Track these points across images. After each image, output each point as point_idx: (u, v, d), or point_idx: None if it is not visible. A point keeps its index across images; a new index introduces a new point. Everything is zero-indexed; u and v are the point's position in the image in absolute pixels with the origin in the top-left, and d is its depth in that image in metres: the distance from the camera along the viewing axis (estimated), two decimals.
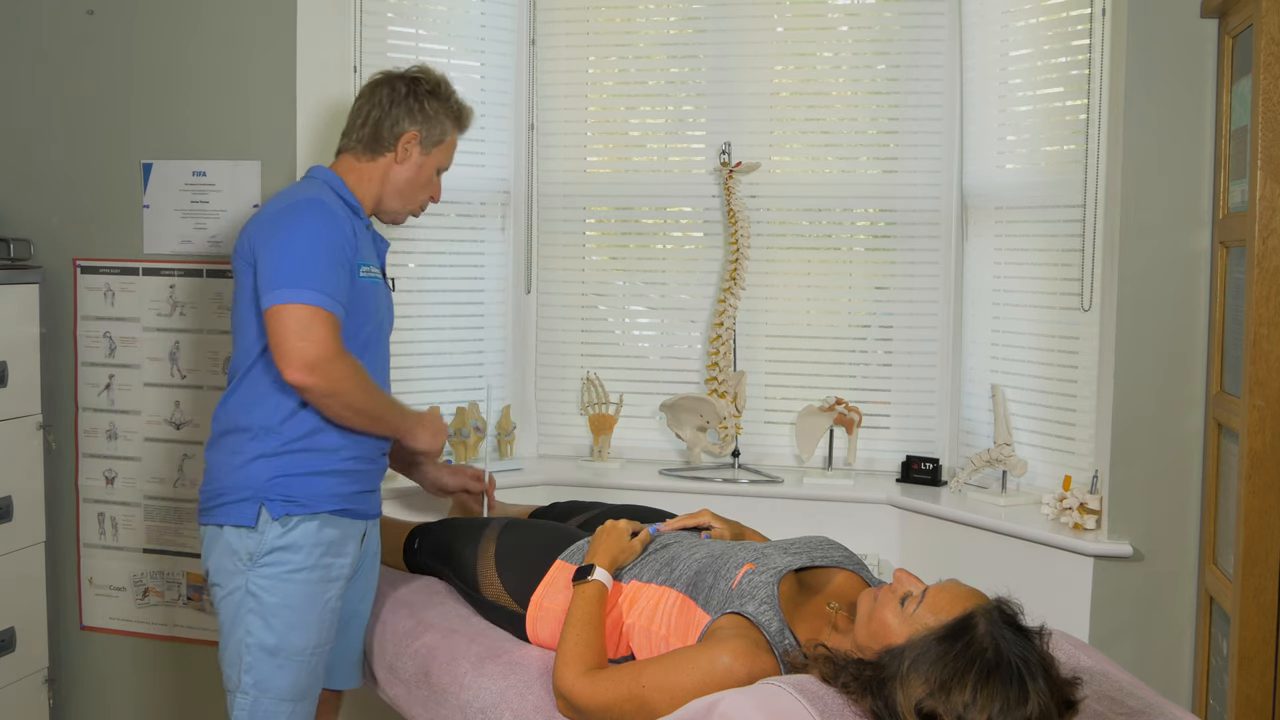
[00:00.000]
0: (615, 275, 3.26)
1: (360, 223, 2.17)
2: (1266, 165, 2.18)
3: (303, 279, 1.96)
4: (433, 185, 2.29)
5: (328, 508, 2.08)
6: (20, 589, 2.74)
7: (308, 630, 2.07)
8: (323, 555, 2.07)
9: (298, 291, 1.95)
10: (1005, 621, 1.51)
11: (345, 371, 1.99)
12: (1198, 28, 2.46)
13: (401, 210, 2.27)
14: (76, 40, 2.82)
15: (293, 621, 2.05)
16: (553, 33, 3.20)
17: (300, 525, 2.05)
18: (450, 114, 2.25)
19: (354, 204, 2.17)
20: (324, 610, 2.09)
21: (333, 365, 1.96)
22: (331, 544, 2.09)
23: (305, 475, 2.06)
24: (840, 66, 3.12)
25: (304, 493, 2.06)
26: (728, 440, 3.08)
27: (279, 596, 2.04)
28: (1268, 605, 2.19)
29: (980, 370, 3.00)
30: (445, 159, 2.29)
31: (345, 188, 2.18)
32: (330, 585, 2.09)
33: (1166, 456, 2.52)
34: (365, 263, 2.12)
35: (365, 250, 2.14)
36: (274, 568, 2.04)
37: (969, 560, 2.72)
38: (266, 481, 2.05)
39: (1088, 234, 2.67)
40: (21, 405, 2.70)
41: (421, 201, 2.29)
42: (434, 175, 2.28)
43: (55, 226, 2.85)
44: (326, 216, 2.05)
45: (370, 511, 2.20)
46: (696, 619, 1.84)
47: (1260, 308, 2.19)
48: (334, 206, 2.10)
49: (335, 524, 2.10)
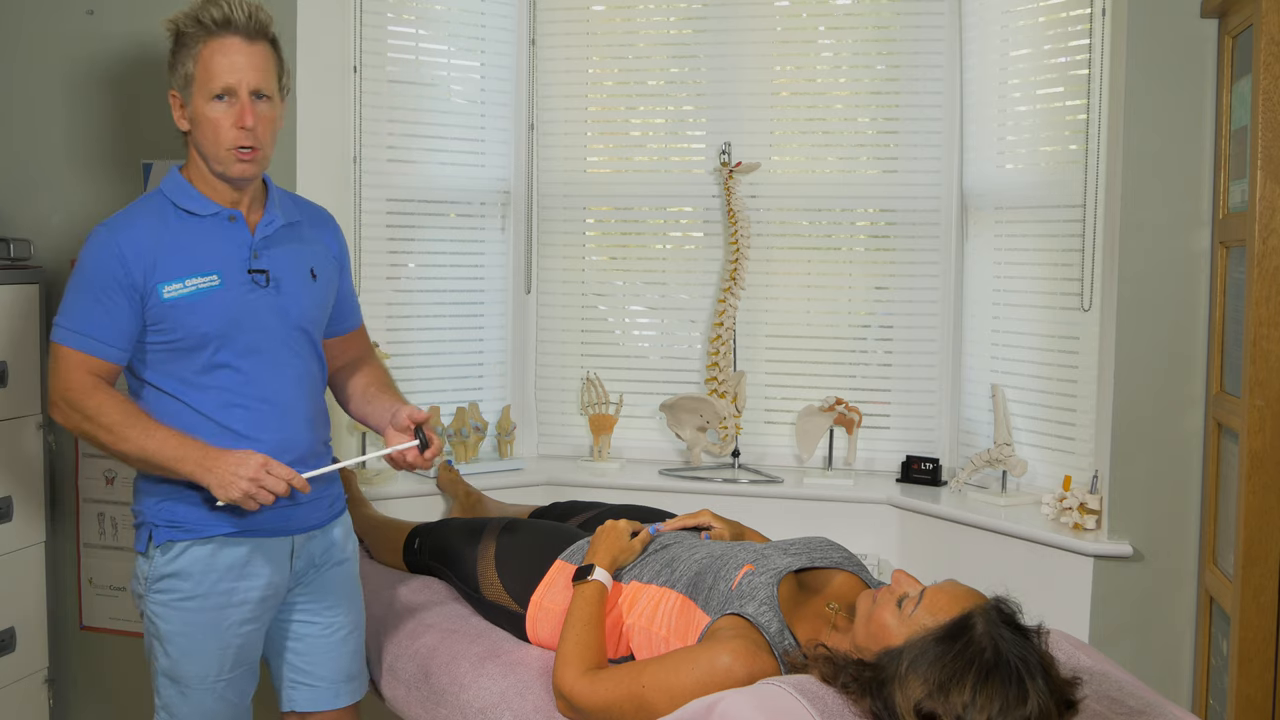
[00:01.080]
0: (615, 275, 3.26)
1: (193, 220, 1.93)
2: (1266, 165, 2.18)
3: (60, 314, 1.89)
4: (219, 118, 1.89)
5: (221, 530, 1.92)
6: (20, 589, 2.74)
7: (206, 659, 1.94)
8: (219, 581, 1.92)
9: (54, 329, 1.90)
10: (1003, 621, 1.51)
11: (80, 416, 1.86)
12: (1198, 28, 2.46)
13: (221, 159, 1.91)
14: (76, 40, 2.82)
15: (188, 649, 1.93)
16: (553, 33, 3.20)
17: (188, 551, 1.91)
18: (182, 38, 1.91)
19: (191, 202, 1.94)
20: (226, 637, 1.94)
21: (65, 406, 1.87)
22: (232, 568, 1.93)
23: (192, 498, 1.91)
24: (840, 66, 3.12)
25: (191, 516, 1.92)
26: (728, 440, 3.07)
27: (173, 624, 1.93)
28: (1268, 605, 2.19)
29: (980, 370, 3.00)
30: (208, 79, 1.88)
31: (185, 186, 1.95)
32: (232, 611, 1.94)
33: (1166, 456, 2.52)
34: (175, 279, 1.88)
35: (184, 260, 1.89)
36: (165, 594, 1.92)
37: (969, 560, 2.72)
38: (154, 506, 1.94)
39: (1088, 234, 2.67)
40: (21, 405, 2.70)
41: (226, 142, 1.89)
42: (212, 104, 1.89)
43: (55, 226, 2.85)
44: (95, 246, 1.89)
45: (296, 525, 2.00)
46: (696, 619, 1.84)
47: (1260, 308, 2.19)
48: (123, 223, 1.91)
49: (238, 545, 1.93)
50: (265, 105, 1.93)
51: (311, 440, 2.02)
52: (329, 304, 2.12)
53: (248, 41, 1.90)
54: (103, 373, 1.89)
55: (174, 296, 1.88)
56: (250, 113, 1.89)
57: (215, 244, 1.93)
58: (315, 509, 2.05)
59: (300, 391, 2.01)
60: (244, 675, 2.01)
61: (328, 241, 2.13)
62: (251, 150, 1.91)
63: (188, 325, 1.89)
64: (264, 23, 1.93)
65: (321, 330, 2.10)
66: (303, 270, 2.03)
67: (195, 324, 1.89)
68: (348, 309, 2.21)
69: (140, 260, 1.87)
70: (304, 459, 1.98)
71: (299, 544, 2.03)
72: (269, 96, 1.93)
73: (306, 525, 2.03)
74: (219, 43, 1.89)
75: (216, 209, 1.95)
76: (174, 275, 1.89)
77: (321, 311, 2.08)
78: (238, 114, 1.89)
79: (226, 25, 1.89)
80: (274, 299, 1.96)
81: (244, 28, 1.90)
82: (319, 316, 2.08)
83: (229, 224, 1.95)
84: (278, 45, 1.98)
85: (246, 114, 1.89)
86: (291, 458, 1.94)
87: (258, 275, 1.95)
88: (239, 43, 1.90)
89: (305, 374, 2.02)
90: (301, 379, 2.01)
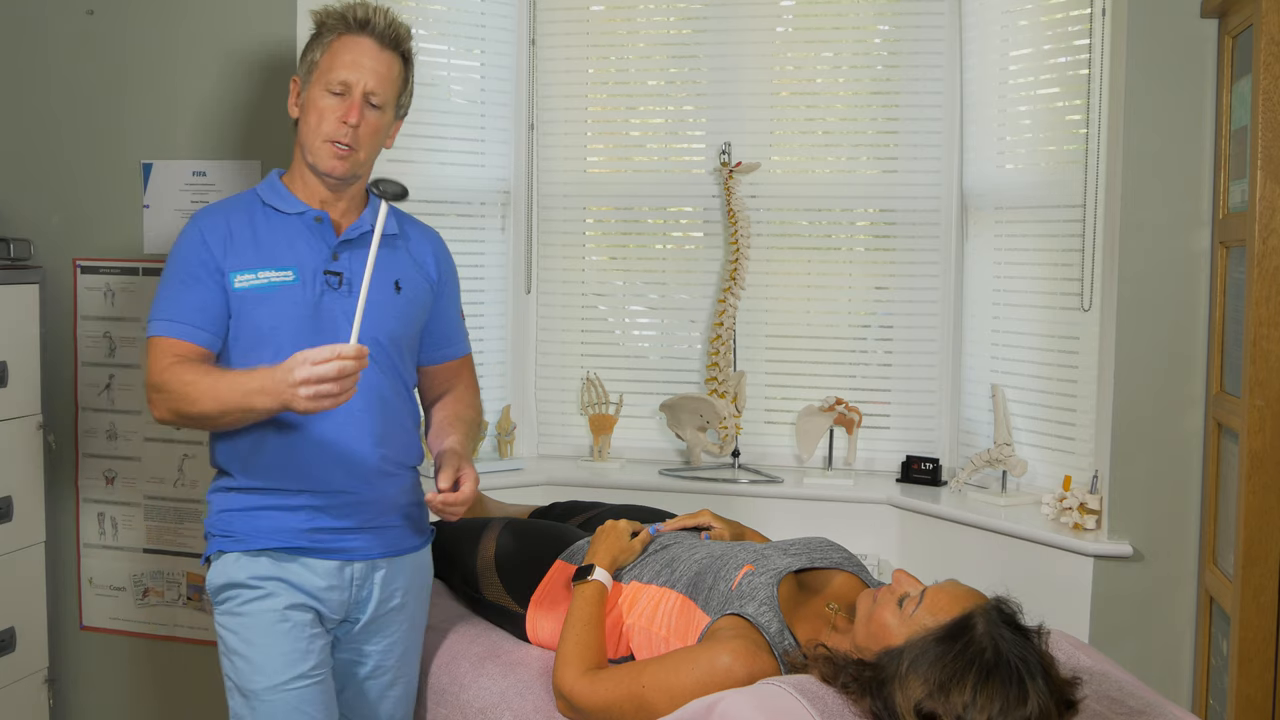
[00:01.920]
0: (615, 275, 3.26)
1: (278, 218, 1.92)
2: (1266, 165, 2.18)
3: (150, 310, 1.88)
4: (326, 109, 1.88)
5: (273, 544, 1.88)
6: (20, 589, 2.74)
7: (270, 668, 1.86)
8: (276, 587, 1.88)
9: (147, 326, 1.88)
10: (1004, 621, 1.51)
11: (164, 396, 1.81)
12: (1198, 28, 2.46)
13: (317, 150, 1.89)
14: (76, 40, 2.82)
15: (250, 657, 1.87)
16: (553, 33, 3.20)
17: (240, 561, 1.88)
18: (320, 29, 1.92)
19: (279, 200, 1.94)
20: (285, 644, 1.86)
21: (152, 392, 1.83)
22: (286, 580, 1.88)
23: (248, 510, 1.89)
24: (840, 66, 3.12)
25: (245, 528, 1.89)
26: (728, 440, 3.07)
27: (235, 633, 1.89)
28: (1268, 605, 2.19)
29: (980, 370, 3.00)
30: (330, 69, 1.89)
31: (278, 186, 1.96)
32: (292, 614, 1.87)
33: (1166, 456, 2.52)
34: (248, 269, 1.87)
35: (261, 253, 1.88)
36: (226, 603, 1.90)
37: (969, 560, 2.72)
38: (215, 516, 1.93)
39: (1088, 234, 2.67)
40: (21, 405, 2.70)
41: (326, 133, 1.88)
42: (325, 95, 1.89)
43: (55, 226, 2.85)
44: (182, 234, 1.90)
45: (353, 552, 1.92)
46: (696, 620, 1.84)
47: (1260, 308, 2.19)
48: (207, 212, 1.92)
49: (290, 562, 1.88)
50: (375, 113, 1.92)
51: (375, 458, 1.92)
52: (415, 321, 2.02)
53: (379, 47, 1.91)
54: (190, 355, 1.84)
55: (244, 287, 1.86)
56: (357, 111, 1.88)
57: (296, 241, 1.91)
58: (387, 538, 1.97)
59: (365, 402, 1.87)
60: (315, 690, 1.89)
61: (427, 262, 2.06)
62: (348, 149, 1.89)
63: (255, 318, 1.86)
64: (401, 36, 1.95)
65: (404, 347, 2.00)
66: (386, 280, 1.96)
67: (262, 318, 1.86)
68: (446, 335, 2.11)
69: (220, 244, 1.87)
70: (366, 478, 1.91)
71: (365, 574, 1.94)
72: (381, 107, 1.92)
73: (364, 554, 1.94)
74: (352, 39, 1.90)
75: (304, 208, 1.93)
76: (247, 266, 1.87)
77: (403, 326, 1.98)
78: (345, 109, 1.88)
79: (364, 26, 1.90)
80: (347, 303, 1.88)
81: (380, 33, 1.91)
82: (399, 331, 1.98)
83: (315, 224, 1.93)
84: (409, 64, 1.98)
85: (353, 111, 1.88)
86: (348, 473, 1.89)
87: (332, 276, 1.90)
88: (370, 45, 1.91)
89: (372, 386, 1.88)
90: (368, 390, 1.86)
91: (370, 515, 1.93)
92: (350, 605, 1.94)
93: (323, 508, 1.89)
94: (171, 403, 1.80)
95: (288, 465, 1.88)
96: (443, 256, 2.11)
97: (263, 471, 1.89)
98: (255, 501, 1.90)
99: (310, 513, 1.89)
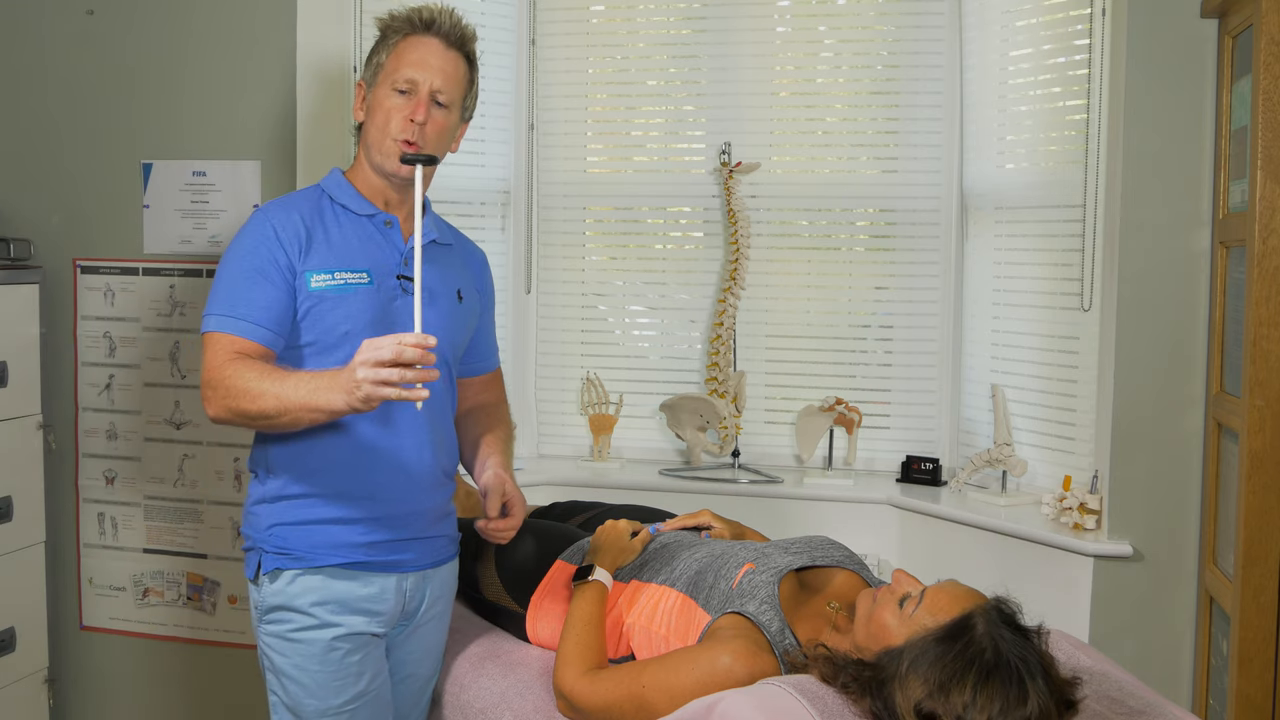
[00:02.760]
0: (615, 275, 3.26)
1: (349, 218, 1.90)
2: (1266, 165, 2.18)
3: (207, 305, 1.81)
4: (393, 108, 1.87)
5: (333, 560, 1.84)
6: (20, 589, 2.74)
7: (324, 693, 1.85)
8: (331, 614, 1.84)
9: (202, 322, 1.82)
10: (1004, 621, 1.51)
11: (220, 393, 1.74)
12: (1198, 28, 2.46)
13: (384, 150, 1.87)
14: (76, 40, 2.82)
15: (305, 683, 1.85)
16: (553, 33, 3.20)
17: (297, 580, 1.84)
18: (386, 32, 1.93)
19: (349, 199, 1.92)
20: (341, 669, 1.85)
21: (208, 390, 1.76)
22: (343, 602, 1.85)
23: (303, 524, 1.85)
24: (840, 66, 3.12)
25: (302, 544, 1.84)
26: (728, 440, 3.07)
27: (288, 657, 1.85)
28: (1268, 605, 2.19)
29: (980, 370, 3.00)
30: (396, 69, 1.88)
31: (344, 184, 1.93)
32: (344, 641, 1.85)
33: (1166, 456, 2.52)
34: (325, 269, 1.84)
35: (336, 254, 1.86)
36: (277, 625, 1.86)
37: (969, 560, 2.72)
38: (264, 531, 1.87)
39: (1088, 234, 2.67)
40: (21, 405, 2.70)
41: (393, 132, 1.87)
42: (391, 95, 1.88)
43: (55, 226, 2.85)
44: (249, 227, 1.85)
45: (406, 564, 1.91)
46: (697, 619, 1.84)
47: (1260, 308, 2.19)
48: (277, 206, 1.88)
49: (347, 579, 1.86)
50: (441, 113, 1.90)
51: (432, 466, 1.93)
52: (468, 333, 2.04)
53: (444, 46, 1.91)
54: (249, 353, 1.77)
55: (321, 287, 1.83)
56: (424, 109, 1.87)
57: (369, 244, 1.89)
58: (436, 548, 1.98)
59: (428, 411, 1.87)
60: (369, 704, 1.89)
61: (476, 274, 2.09)
62: (414, 148, 1.87)
63: (329, 320, 1.83)
64: (466, 37, 1.94)
65: (457, 357, 2.01)
66: (450, 289, 1.97)
67: (337, 320, 1.83)
68: (485, 348, 2.14)
69: (294, 242, 1.83)
70: (425, 487, 1.92)
71: (416, 583, 1.94)
72: (448, 106, 1.91)
73: (417, 564, 1.94)
74: (418, 40, 1.90)
75: (374, 210, 1.92)
76: (324, 266, 1.84)
77: (460, 336, 2.00)
78: (412, 108, 1.87)
79: (429, 26, 1.90)
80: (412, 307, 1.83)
81: (445, 33, 1.91)
82: (457, 341, 1.99)
83: (385, 228, 1.92)
84: (474, 65, 1.98)
85: (420, 109, 1.86)
86: (409, 481, 1.89)
87: (405, 282, 1.89)
88: (436, 44, 1.90)
89: (435, 395, 1.86)
90: (431, 399, 1.78)
91: (423, 525, 1.94)
92: (402, 616, 1.94)
93: (381, 519, 1.87)
94: (229, 399, 1.73)
95: (349, 471, 1.85)
96: (488, 269, 2.14)
97: (322, 478, 1.85)
98: (310, 514, 1.85)
99: (368, 525, 1.86)
